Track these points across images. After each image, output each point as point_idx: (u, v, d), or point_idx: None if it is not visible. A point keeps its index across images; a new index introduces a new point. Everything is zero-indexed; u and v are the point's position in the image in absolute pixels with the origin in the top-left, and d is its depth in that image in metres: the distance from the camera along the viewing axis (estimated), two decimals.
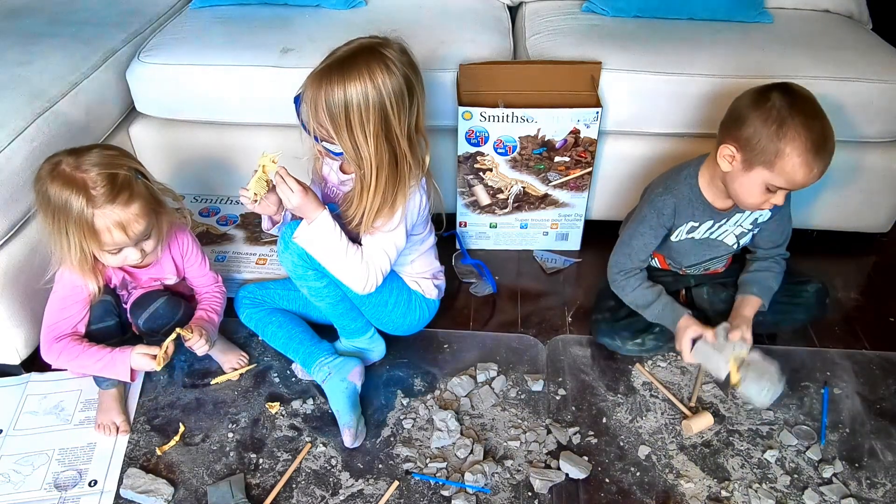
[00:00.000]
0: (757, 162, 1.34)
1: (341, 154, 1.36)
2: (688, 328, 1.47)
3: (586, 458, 1.39)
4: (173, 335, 1.33)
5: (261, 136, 1.89)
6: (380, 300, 1.50)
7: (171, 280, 1.46)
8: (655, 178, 1.60)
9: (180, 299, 1.45)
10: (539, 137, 1.74)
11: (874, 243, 2.00)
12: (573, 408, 1.50)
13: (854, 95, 1.71)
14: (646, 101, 1.75)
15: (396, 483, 1.34)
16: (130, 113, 1.91)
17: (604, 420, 1.47)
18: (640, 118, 1.79)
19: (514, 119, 1.70)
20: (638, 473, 1.37)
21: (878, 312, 1.76)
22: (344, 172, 1.49)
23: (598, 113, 1.69)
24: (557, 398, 1.51)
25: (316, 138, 1.37)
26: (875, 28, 2.05)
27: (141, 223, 1.27)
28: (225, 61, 1.80)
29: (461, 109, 1.69)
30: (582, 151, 1.76)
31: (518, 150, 1.76)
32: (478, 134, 1.73)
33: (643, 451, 1.41)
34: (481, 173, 1.81)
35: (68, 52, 1.73)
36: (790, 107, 1.31)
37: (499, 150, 1.76)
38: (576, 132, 1.72)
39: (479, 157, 1.78)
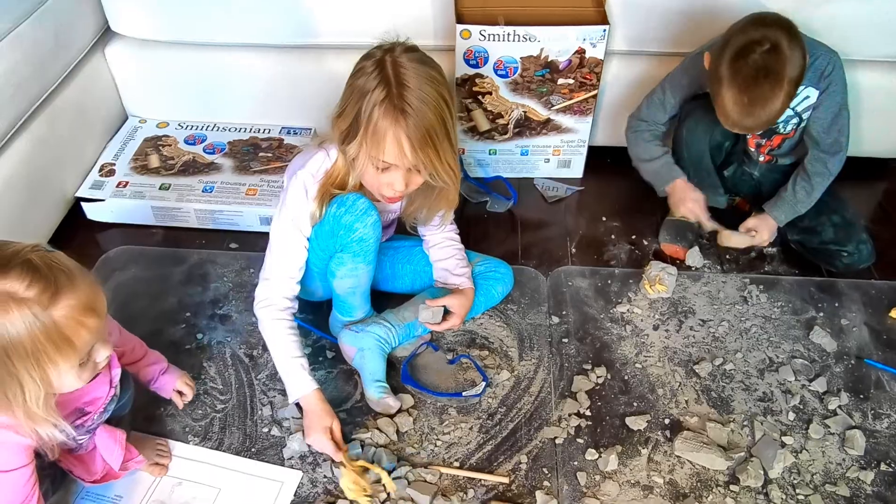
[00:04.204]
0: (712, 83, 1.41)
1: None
2: (689, 193, 1.61)
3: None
4: None
5: (248, 58, 1.78)
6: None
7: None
8: None
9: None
10: (542, 58, 1.63)
11: (887, 169, 1.93)
12: (576, 341, 1.46)
13: (873, 13, 1.61)
14: (656, 17, 1.65)
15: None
16: (105, 33, 1.79)
17: (607, 354, 1.44)
18: (650, 37, 1.69)
19: (516, 38, 1.60)
20: (643, 406, 1.35)
21: (887, 241, 1.70)
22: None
23: (605, 31, 1.59)
24: (560, 331, 1.48)
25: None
26: None
27: (101, 296, 0.95)
28: None
29: (459, 28, 1.59)
30: (587, 73, 1.66)
31: (519, 71, 1.66)
32: (477, 54, 1.63)
33: (647, 384, 1.38)
34: (480, 97, 1.71)
35: None
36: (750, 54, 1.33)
37: (499, 72, 1.66)
38: (581, 52, 1.62)
39: (477, 80, 1.68)
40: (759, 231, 1.61)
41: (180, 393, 1.32)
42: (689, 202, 1.62)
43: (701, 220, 1.63)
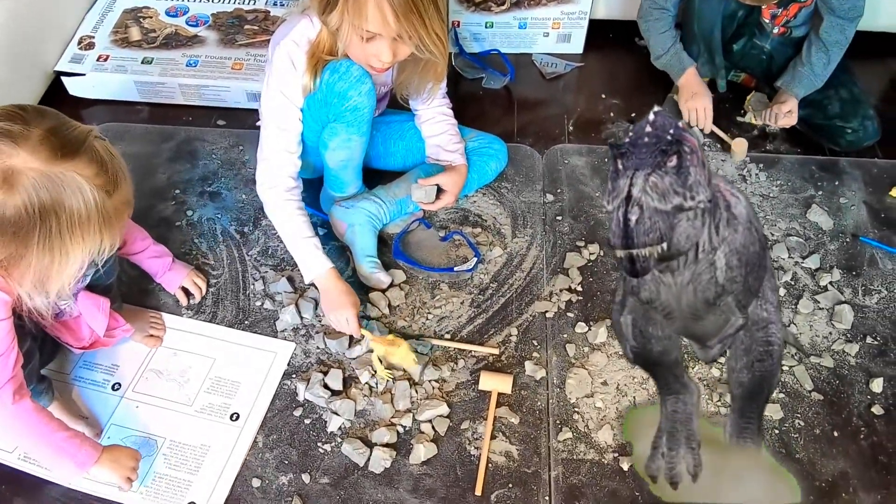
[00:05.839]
0: None
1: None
2: (695, 94, 1.55)
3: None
4: None
5: None
6: None
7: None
8: None
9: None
10: None
11: None
12: (570, 219, 1.45)
13: None
14: None
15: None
16: None
17: (601, 232, 1.43)
18: None
19: None
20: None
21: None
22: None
23: None
24: (554, 209, 1.46)
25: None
26: None
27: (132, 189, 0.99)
28: None
29: None
30: None
31: None
32: None
33: None
34: None
35: None
36: None
37: None
38: None
39: None
40: (794, 111, 1.54)
41: (187, 292, 1.31)
42: (696, 102, 1.55)
43: (703, 125, 1.57)
